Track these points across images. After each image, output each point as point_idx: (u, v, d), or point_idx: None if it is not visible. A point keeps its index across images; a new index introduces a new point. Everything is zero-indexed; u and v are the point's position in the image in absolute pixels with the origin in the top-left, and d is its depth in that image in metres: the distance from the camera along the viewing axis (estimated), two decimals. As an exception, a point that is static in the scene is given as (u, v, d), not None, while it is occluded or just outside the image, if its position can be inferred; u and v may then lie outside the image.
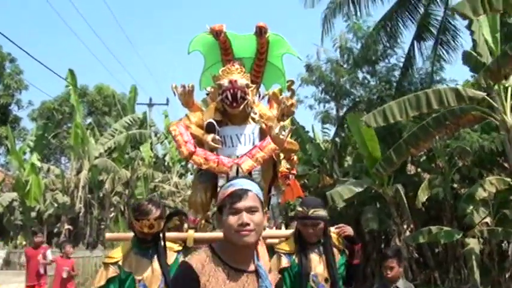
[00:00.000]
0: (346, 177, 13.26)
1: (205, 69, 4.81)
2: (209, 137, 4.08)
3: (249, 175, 3.85)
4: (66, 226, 20.62)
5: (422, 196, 10.51)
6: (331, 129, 16.07)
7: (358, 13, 14.50)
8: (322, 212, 3.26)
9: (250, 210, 1.82)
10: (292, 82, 4.97)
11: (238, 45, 4.68)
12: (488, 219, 10.27)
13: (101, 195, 22.62)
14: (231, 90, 4.05)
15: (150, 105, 26.83)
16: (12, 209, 21.21)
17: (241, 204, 1.82)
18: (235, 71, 4.18)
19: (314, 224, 3.24)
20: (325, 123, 16.22)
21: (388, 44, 14.37)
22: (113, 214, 22.80)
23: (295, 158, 4.92)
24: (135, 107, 25.62)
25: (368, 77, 14.91)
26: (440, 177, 11.47)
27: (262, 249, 3.14)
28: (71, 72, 20.36)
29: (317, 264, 3.28)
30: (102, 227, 22.76)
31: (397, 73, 14.32)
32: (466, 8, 6.10)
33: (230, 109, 4.15)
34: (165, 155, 28.64)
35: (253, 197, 1.85)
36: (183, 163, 28.18)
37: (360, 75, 14.98)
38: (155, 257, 3.17)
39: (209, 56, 4.76)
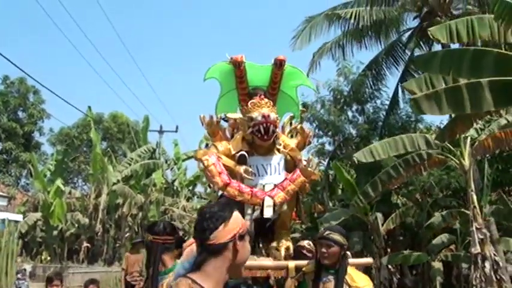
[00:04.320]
0: (338, 205, 14.98)
1: (221, 96, 4.98)
2: (242, 169, 4.19)
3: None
4: (85, 244, 22.21)
5: (391, 224, 12.21)
6: (325, 161, 17.45)
7: (346, 57, 16.28)
8: (337, 236, 3.35)
9: None
10: (304, 111, 5.22)
11: (252, 75, 4.88)
12: (454, 246, 11.97)
13: (117, 216, 24.06)
14: (264, 125, 4.17)
15: (161, 132, 28.26)
16: (34, 227, 22.77)
17: None
18: (265, 105, 4.29)
19: (327, 245, 3.35)
20: (318, 157, 17.54)
21: (374, 87, 15.96)
22: (128, 234, 24.23)
23: (308, 185, 4.77)
24: (147, 133, 27.31)
25: (357, 115, 15.97)
26: (415, 207, 13.19)
27: None
28: (90, 108, 23.08)
29: None
30: (118, 245, 24.17)
31: (383, 114, 15.53)
32: (413, 86, 7.82)
33: (261, 141, 4.28)
34: (174, 180, 29.54)
35: None
36: (190, 187, 29.63)
37: (350, 113, 16.01)
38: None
39: (225, 83, 4.91)
